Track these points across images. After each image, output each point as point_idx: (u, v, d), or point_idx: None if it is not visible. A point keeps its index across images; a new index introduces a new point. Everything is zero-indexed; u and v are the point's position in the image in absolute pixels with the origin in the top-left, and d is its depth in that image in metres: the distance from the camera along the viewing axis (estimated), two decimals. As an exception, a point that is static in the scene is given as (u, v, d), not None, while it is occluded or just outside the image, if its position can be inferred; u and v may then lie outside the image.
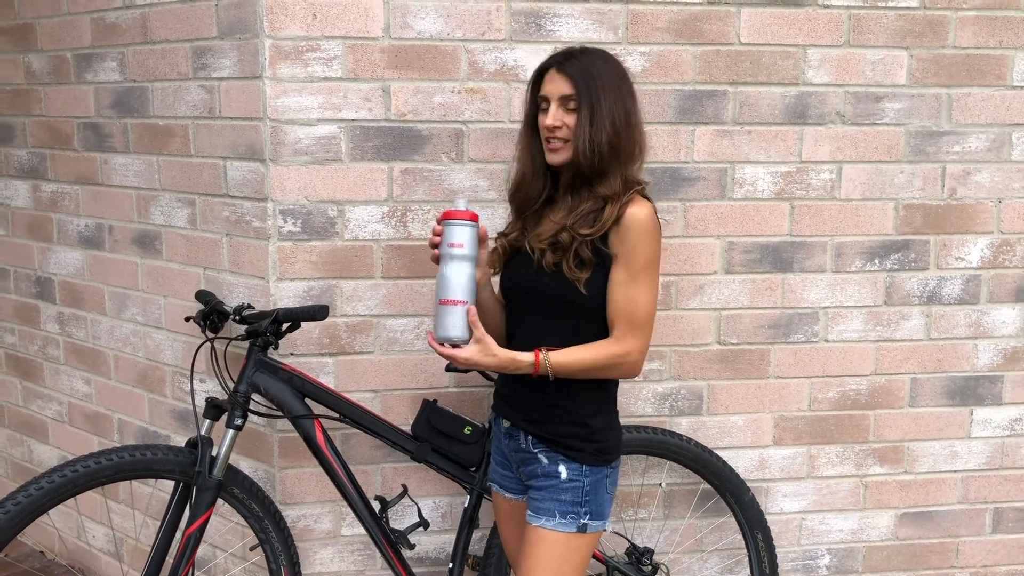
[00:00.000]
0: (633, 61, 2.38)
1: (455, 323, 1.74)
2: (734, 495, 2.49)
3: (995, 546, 2.83)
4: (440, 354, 1.78)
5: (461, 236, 1.75)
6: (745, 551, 2.58)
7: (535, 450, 1.88)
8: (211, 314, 2.28)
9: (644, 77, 2.39)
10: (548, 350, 1.80)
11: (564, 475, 1.84)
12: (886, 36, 2.48)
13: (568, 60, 1.81)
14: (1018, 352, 2.72)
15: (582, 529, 1.82)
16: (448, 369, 2.33)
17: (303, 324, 2.35)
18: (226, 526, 2.63)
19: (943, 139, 2.57)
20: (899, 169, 2.56)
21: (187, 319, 2.36)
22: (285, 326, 2.17)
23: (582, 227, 1.78)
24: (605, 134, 1.76)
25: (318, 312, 2.10)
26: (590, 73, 1.78)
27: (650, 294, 1.79)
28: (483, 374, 2.33)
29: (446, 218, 1.78)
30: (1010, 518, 2.82)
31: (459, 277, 1.75)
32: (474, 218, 1.77)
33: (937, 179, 2.59)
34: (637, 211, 1.76)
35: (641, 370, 1.83)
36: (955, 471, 2.75)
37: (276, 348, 2.19)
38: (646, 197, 1.83)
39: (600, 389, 1.87)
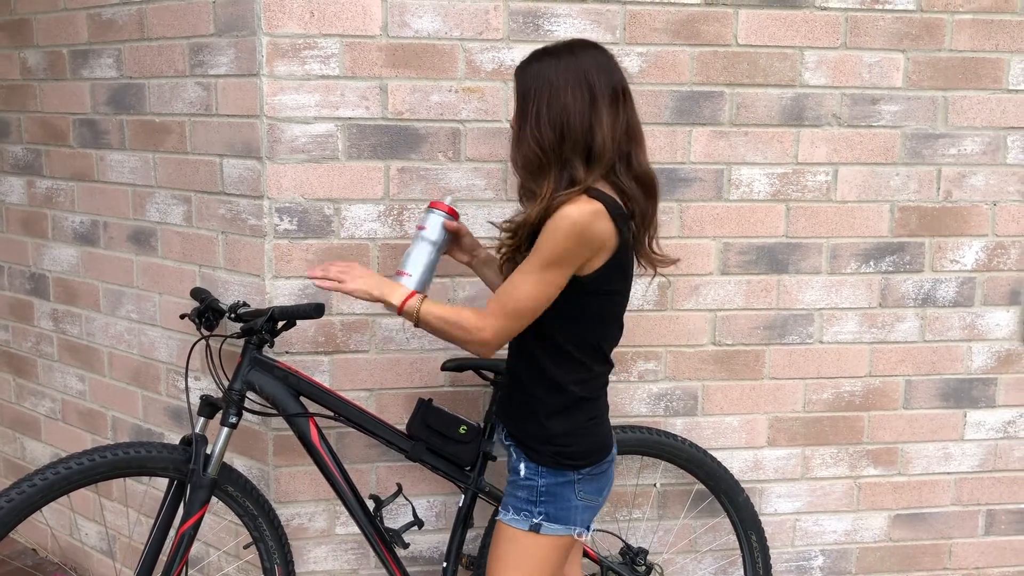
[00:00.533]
0: (630, 62, 2.38)
1: None
2: (728, 496, 2.49)
3: (988, 548, 2.83)
4: (314, 275, 1.89)
5: (429, 221, 1.97)
6: (739, 552, 2.59)
7: (507, 443, 1.94)
8: (206, 311, 2.27)
9: (641, 78, 2.40)
10: (426, 299, 1.83)
11: (522, 472, 1.86)
12: (883, 38, 2.49)
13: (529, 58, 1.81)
14: (1011, 355, 2.73)
15: (535, 529, 1.82)
16: (444, 368, 2.33)
17: (299, 322, 2.35)
18: (220, 524, 2.62)
19: (939, 142, 2.57)
20: (895, 171, 2.57)
21: (182, 316, 2.35)
22: (280, 324, 2.16)
23: (507, 239, 1.80)
24: (525, 130, 1.74)
25: (314, 310, 2.10)
26: (528, 69, 1.77)
27: (534, 288, 1.70)
28: (480, 374, 2.33)
29: (429, 207, 1.99)
30: (1003, 520, 2.83)
31: (416, 253, 1.96)
32: (450, 211, 1.98)
33: (932, 181, 2.59)
34: (563, 209, 1.66)
35: (491, 354, 1.78)
36: (948, 473, 2.76)
37: (271, 346, 2.18)
38: (600, 200, 1.69)
39: (561, 392, 1.82)
